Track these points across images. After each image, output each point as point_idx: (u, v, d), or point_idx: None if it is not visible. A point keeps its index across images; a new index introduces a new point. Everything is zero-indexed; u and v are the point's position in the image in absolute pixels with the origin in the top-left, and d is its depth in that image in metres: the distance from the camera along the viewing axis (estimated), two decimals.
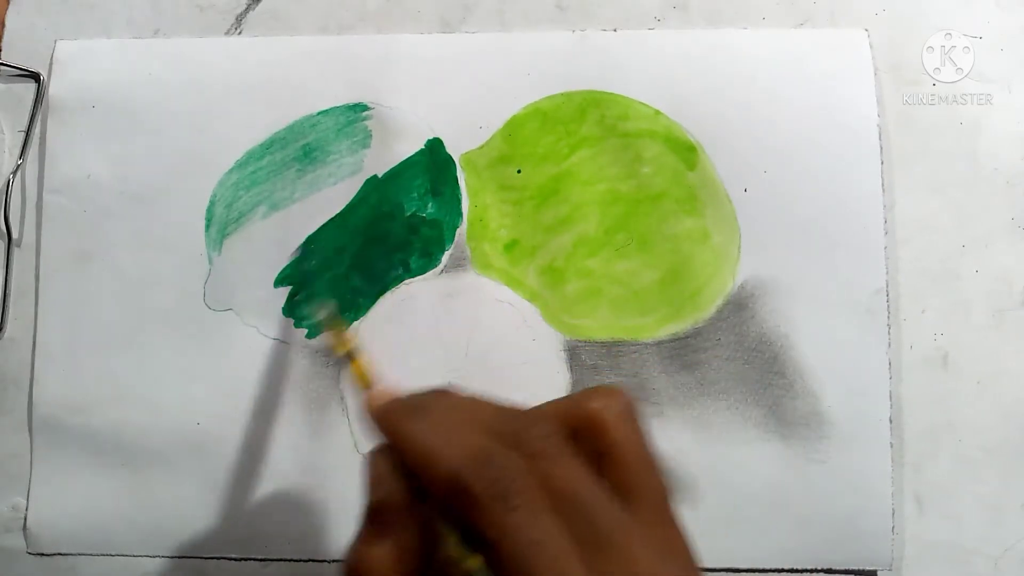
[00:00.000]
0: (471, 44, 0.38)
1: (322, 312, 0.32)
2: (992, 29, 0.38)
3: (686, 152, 0.37)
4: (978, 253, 0.37)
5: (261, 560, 0.36)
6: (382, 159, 0.38)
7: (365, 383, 0.26)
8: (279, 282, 0.37)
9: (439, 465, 0.20)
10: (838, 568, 0.35)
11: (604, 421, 0.21)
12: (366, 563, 0.20)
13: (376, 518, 0.21)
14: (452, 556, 0.20)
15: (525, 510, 0.19)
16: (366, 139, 0.38)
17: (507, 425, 0.21)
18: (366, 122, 0.38)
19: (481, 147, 0.38)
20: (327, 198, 0.37)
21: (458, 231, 0.37)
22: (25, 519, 0.36)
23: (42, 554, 0.36)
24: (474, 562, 0.19)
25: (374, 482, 0.21)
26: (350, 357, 0.28)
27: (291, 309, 0.37)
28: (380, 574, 0.20)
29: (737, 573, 0.35)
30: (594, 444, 0.21)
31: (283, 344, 0.37)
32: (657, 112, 0.37)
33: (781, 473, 0.35)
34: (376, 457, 0.22)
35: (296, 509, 0.36)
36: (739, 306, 0.36)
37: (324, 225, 0.37)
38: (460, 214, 0.37)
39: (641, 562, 0.19)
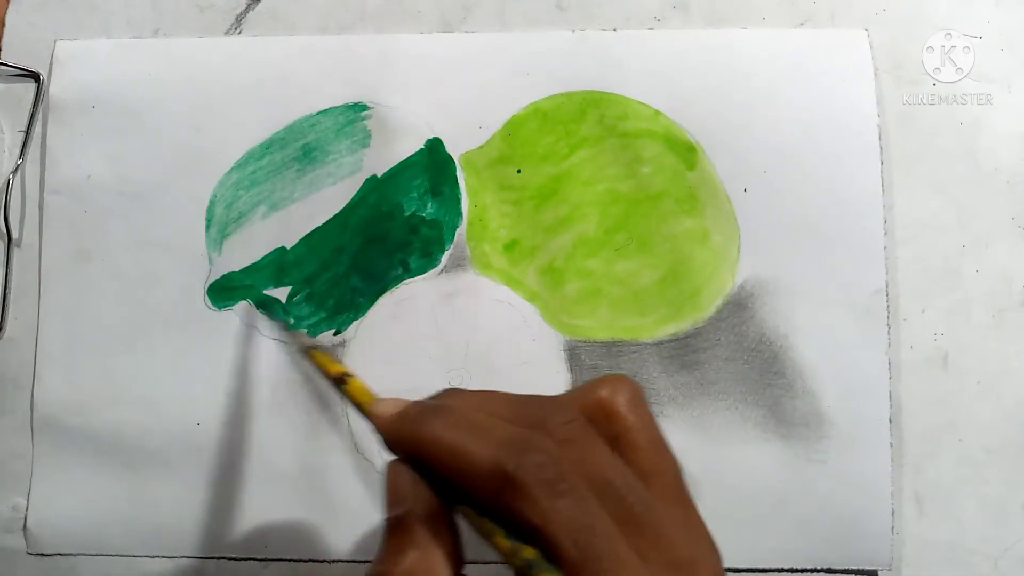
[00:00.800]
0: (471, 44, 0.38)
1: (299, 340, 0.31)
2: (992, 29, 0.38)
3: (686, 152, 0.37)
4: (978, 253, 0.37)
5: (261, 560, 0.36)
6: (382, 159, 0.38)
7: (368, 398, 0.25)
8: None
9: (475, 458, 0.19)
10: (838, 568, 0.35)
11: (615, 406, 0.21)
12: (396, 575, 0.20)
13: (399, 532, 0.20)
14: (503, 550, 0.19)
15: (572, 495, 0.19)
16: (366, 139, 0.38)
17: (529, 414, 0.21)
18: (366, 122, 0.38)
19: (481, 147, 0.38)
20: (327, 198, 0.37)
21: (458, 231, 0.37)
22: (25, 519, 0.36)
23: (42, 554, 0.36)
24: (529, 552, 0.18)
25: (394, 496, 0.21)
26: (344, 378, 0.27)
27: (291, 309, 0.37)
28: None
29: (737, 573, 0.35)
30: (607, 430, 0.21)
31: (283, 344, 0.37)
32: (657, 112, 0.37)
33: (781, 473, 0.35)
34: (394, 470, 0.21)
35: (296, 509, 0.36)
36: (739, 306, 0.36)
37: (323, 225, 0.37)
38: (460, 214, 0.37)
39: (677, 543, 0.19)
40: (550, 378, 0.36)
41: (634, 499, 0.19)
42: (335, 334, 0.37)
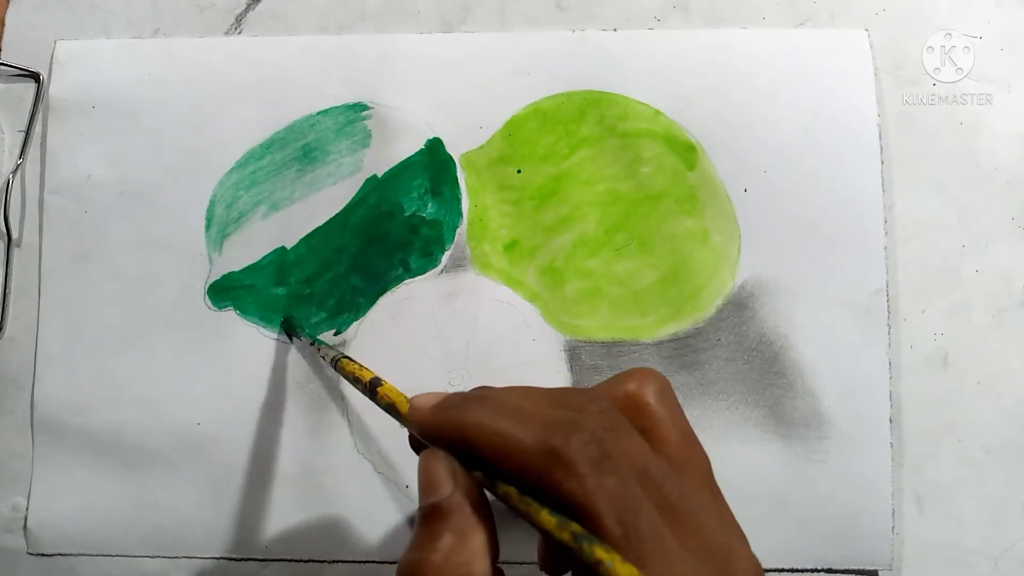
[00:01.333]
0: (471, 44, 0.38)
1: (329, 353, 0.32)
2: (992, 29, 0.38)
3: (686, 152, 0.37)
4: (978, 253, 0.37)
5: (261, 560, 0.36)
6: (382, 159, 0.38)
7: (401, 398, 0.26)
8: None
9: (522, 438, 0.19)
10: (838, 568, 0.35)
11: (644, 399, 0.22)
12: (432, 564, 0.19)
13: (435, 519, 0.20)
14: (549, 527, 0.19)
15: (618, 474, 0.19)
16: (366, 139, 0.38)
17: (565, 403, 0.21)
18: (366, 122, 0.38)
19: (481, 147, 0.38)
20: (327, 198, 0.37)
21: (458, 231, 0.37)
22: (25, 519, 0.36)
23: (42, 554, 0.36)
24: (577, 526, 0.19)
25: (430, 485, 0.21)
26: (379, 382, 0.27)
27: (292, 309, 0.37)
28: (449, 572, 0.19)
29: None
30: (637, 423, 0.21)
31: (283, 344, 0.37)
32: (657, 112, 0.37)
33: (781, 473, 0.35)
34: (429, 459, 0.21)
35: (296, 509, 0.36)
36: (739, 306, 0.36)
37: (324, 225, 0.37)
38: (460, 214, 0.37)
39: (713, 532, 0.19)
40: (550, 378, 0.36)
41: (670, 488, 0.20)
42: (335, 334, 0.37)
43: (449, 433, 0.21)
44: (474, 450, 0.20)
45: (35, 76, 0.39)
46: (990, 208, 0.37)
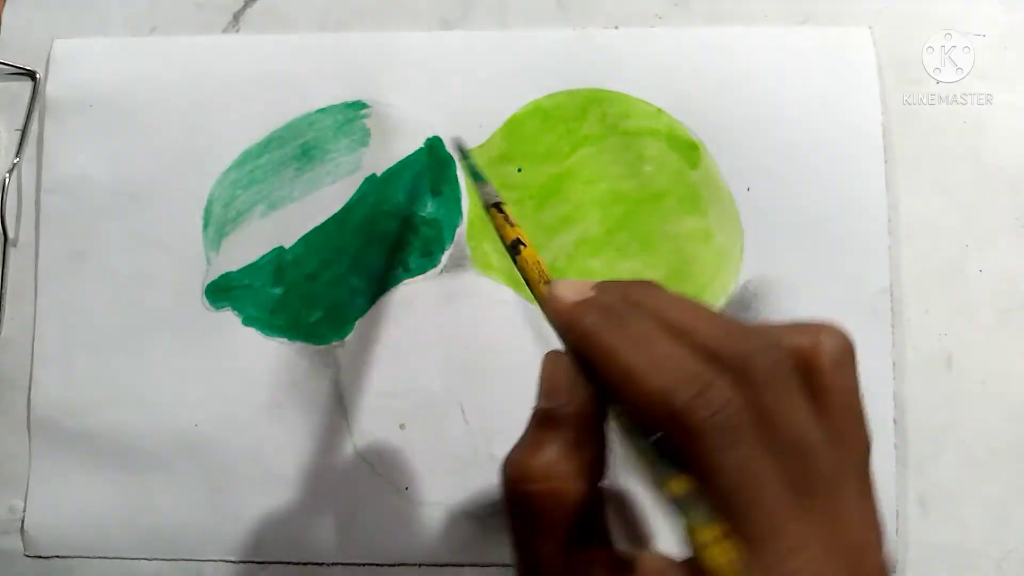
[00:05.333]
0: (471, 42, 0.38)
1: (484, 193, 0.28)
2: (993, 28, 0.38)
3: (688, 151, 0.37)
4: (982, 253, 0.37)
5: (259, 563, 0.36)
6: (381, 158, 0.37)
7: (537, 275, 0.23)
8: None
9: (647, 386, 0.18)
10: None
11: (819, 359, 0.19)
12: (534, 469, 0.19)
13: (545, 427, 0.19)
14: (652, 479, 0.18)
15: (745, 447, 0.17)
16: (365, 137, 0.37)
17: (729, 345, 0.19)
18: (365, 120, 0.38)
19: (481, 146, 0.37)
20: (326, 197, 0.37)
21: (458, 230, 0.37)
22: (23, 521, 0.36)
23: (39, 556, 0.36)
24: (679, 487, 0.17)
25: (548, 388, 0.20)
26: (518, 247, 0.25)
27: (289, 309, 0.37)
28: (548, 482, 0.19)
29: None
30: (806, 382, 0.19)
31: (282, 345, 0.37)
32: (659, 110, 0.37)
33: None
34: (553, 360, 0.20)
35: (294, 511, 0.36)
36: (742, 306, 0.36)
37: (322, 224, 0.37)
38: (460, 213, 0.37)
39: (851, 523, 0.18)
40: None
41: (819, 464, 0.18)
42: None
43: (579, 345, 0.20)
44: (598, 374, 0.19)
45: (31, 74, 0.39)
46: (993, 208, 0.37)
